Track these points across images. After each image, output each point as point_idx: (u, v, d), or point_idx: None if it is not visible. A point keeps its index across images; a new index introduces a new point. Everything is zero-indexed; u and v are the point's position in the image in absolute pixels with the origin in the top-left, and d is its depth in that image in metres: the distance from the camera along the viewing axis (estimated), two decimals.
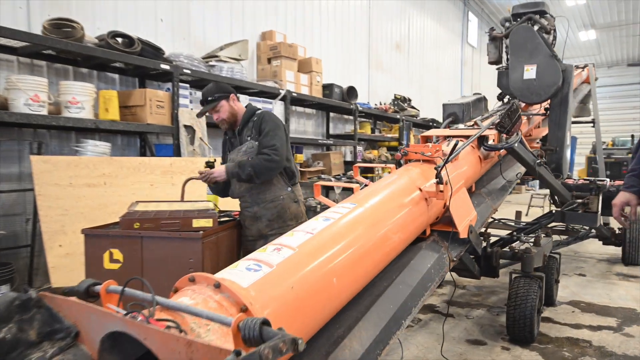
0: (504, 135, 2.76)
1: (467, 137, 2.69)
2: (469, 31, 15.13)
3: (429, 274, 1.95)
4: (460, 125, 3.21)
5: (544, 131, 4.13)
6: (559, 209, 3.63)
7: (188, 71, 4.75)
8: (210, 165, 2.80)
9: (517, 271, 3.17)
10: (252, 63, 6.71)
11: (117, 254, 2.14)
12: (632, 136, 10.83)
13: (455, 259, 2.14)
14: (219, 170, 2.67)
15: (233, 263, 1.29)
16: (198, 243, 2.06)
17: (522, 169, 3.60)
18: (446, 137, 2.80)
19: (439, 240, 2.12)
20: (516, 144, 2.56)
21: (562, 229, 4.77)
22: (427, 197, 1.96)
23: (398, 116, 8.94)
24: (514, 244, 3.26)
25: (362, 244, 1.53)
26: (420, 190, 1.95)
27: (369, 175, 8.32)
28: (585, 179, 4.21)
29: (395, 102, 9.13)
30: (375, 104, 9.03)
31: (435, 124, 10.76)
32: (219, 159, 3.12)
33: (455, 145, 2.18)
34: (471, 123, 3.16)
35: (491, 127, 2.71)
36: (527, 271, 3.06)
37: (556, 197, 4.34)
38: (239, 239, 2.80)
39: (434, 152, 2.22)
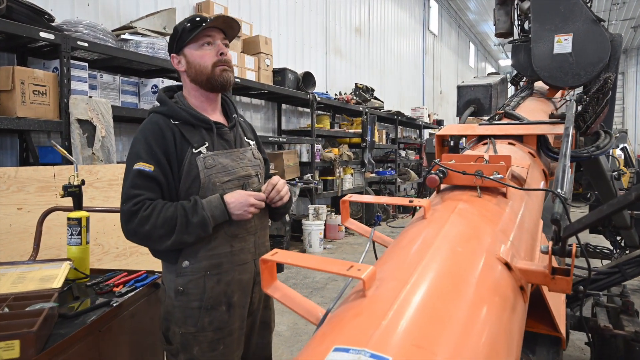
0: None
1: (520, 137, 1.72)
2: (430, 18, 14.55)
3: None
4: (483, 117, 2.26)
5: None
6: None
7: (84, 44, 3.51)
8: (72, 192, 1.68)
9: None
10: None
11: None
12: None
13: None
14: (283, 181, 1.67)
15: None
16: None
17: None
18: (481, 139, 1.81)
19: (522, 356, 1.12)
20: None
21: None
22: (524, 284, 0.92)
23: (361, 108, 8.02)
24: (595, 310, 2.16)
25: None
26: (509, 266, 0.90)
27: (329, 177, 7.37)
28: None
29: (357, 92, 8.21)
30: (335, 94, 8.06)
31: (400, 117, 10.00)
32: (95, 168, 1.97)
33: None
34: (498, 114, 2.23)
35: (551, 120, 1.78)
36: None
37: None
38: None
39: (504, 172, 1.17)
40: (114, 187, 3.57)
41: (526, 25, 3.18)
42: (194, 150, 1.51)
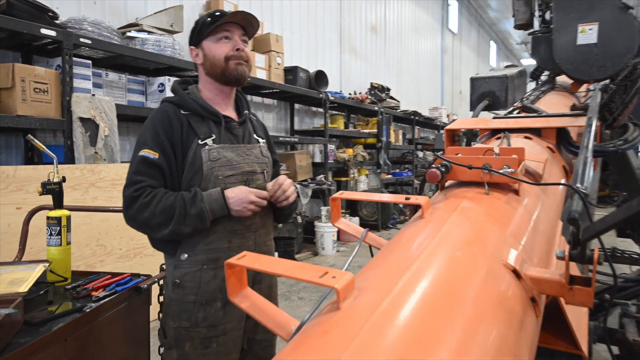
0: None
1: (538, 130, 1.57)
2: (450, 16, 14.29)
3: None
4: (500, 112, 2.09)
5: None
6: None
7: (87, 41, 3.47)
8: (52, 189, 1.61)
9: None
10: None
11: None
12: None
13: None
14: (289, 181, 1.64)
15: None
16: None
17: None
18: (495, 133, 1.66)
19: None
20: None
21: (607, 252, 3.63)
22: (536, 295, 0.78)
23: (376, 108, 7.87)
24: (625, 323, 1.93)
25: None
26: (517, 275, 0.76)
27: (343, 179, 7.24)
28: None
29: (373, 92, 8.06)
30: (349, 94, 7.93)
31: (417, 117, 9.80)
32: (98, 167, 1.89)
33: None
34: (515, 108, 2.07)
35: (573, 112, 1.62)
36: None
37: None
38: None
39: (516, 166, 1.03)
40: (117, 187, 3.52)
41: (547, 15, 3.01)
42: (199, 141, 1.51)
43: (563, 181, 1.58)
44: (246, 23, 1.59)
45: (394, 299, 0.61)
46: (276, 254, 5.04)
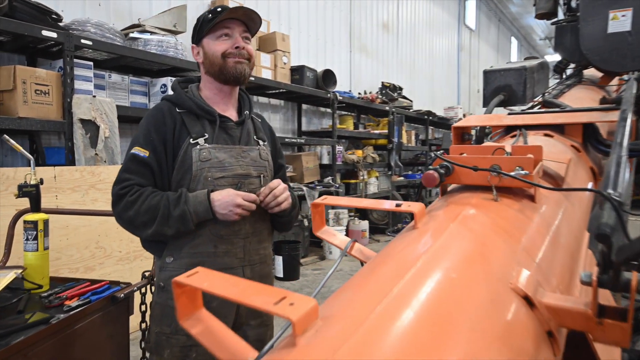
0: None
1: (561, 127, 1.49)
2: (467, 12, 14.15)
3: None
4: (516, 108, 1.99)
5: None
6: None
7: (88, 42, 3.55)
8: (28, 192, 1.64)
9: None
10: None
11: None
12: None
13: None
14: (283, 186, 1.56)
15: None
16: None
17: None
18: (510, 130, 1.58)
19: None
20: None
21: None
22: (554, 328, 0.64)
23: (387, 108, 7.84)
24: None
25: None
26: (530, 302, 0.64)
27: (352, 181, 7.24)
28: None
29: (384, 91, 8.04)
30: (359, 93, 7.92)
31: (431, 117, 9.72)
32: (98, 169, 1.93)
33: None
34: (535, 104, 1.98)
35: (603, 106, 1.55)
36: None
37: None
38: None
39: (532, 167, 0.92)
40: None
41: (573, 3, 2.87)
42: (191, 140, 1.48)
43: (590, 185, 1.38)
44: (247, 19, 1.56)
45: (364, 332, 0.50)
46: (280, 258, 5.06)
